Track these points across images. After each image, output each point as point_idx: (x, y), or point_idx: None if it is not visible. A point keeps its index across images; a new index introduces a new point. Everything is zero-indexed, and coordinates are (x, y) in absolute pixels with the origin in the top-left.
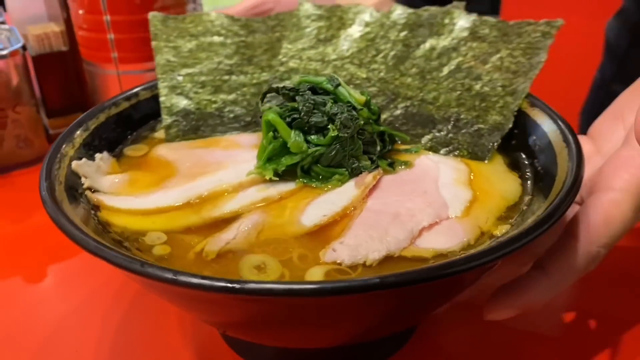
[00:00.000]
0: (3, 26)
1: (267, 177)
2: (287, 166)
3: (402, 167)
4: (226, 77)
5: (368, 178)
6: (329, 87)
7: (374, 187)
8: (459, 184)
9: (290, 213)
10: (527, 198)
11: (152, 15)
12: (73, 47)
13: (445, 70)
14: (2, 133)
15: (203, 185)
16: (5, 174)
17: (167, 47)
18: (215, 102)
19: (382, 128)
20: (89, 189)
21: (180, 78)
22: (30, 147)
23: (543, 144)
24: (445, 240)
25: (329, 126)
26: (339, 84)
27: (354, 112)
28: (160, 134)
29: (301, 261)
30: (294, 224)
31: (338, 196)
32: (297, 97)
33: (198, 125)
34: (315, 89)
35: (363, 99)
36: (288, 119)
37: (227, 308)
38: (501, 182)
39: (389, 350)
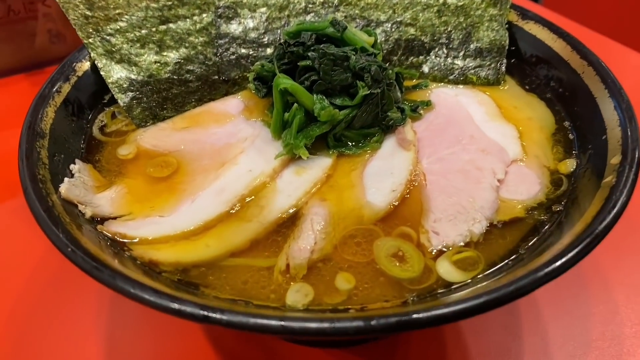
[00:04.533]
0: None
1: (305, 157)
2: (316, 137)
3: (424, 108)
4: (163, 27)
5: (408, 134)
6: (335, 32)
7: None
8: (495, 118)
9: (350, 193)
10: (567, 123)
11: None
12: None
13: None
14: (33, 27)
15: (235, 183)
16: (39, 70)
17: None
18: (166, 63)
19: (397, 69)
20: (94, 219)
21: (111, 39)
22: (63, 42)
23: (546, 56)
24: (526, 189)
25: (354, 83)
26: (345, 27)
27: (382, 64)
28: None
29: (408, 251)
30: (365, 206)
31: (390, 162)
32: (308, 53)
33: (163, 99)
34: (318, 37)
35: (371, 39)
36: (306, 83)
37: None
38: (529, 108)
39: None
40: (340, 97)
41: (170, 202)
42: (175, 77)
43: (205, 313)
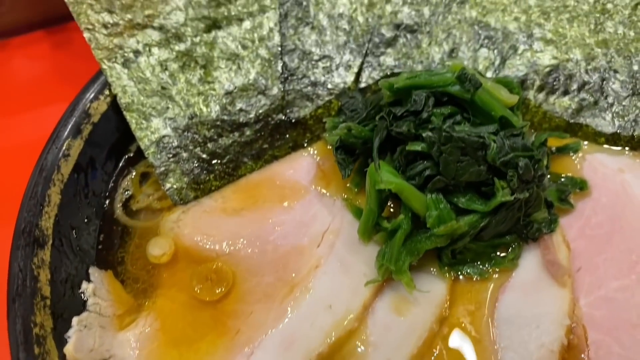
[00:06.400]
0: None
1: (410, 292)
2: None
3: (577, 192)
4: (209, 36)
5: (560, 253)
6: (462, 92)
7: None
8: None
9: (475, 350)
10: None
11: None
12: None
13: None
14: None
15: (308, 331)
16: (62, 25)
17: None
18: (213, 95)
19: (544, 136)
20: None
21: (139, 59)
22: None
23: None
24: None
25: (490, 179)
26: (479, 85)
27: (534, 151)
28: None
29: None
30: None
31: (533, 300)
32: (422, 132)
33: (209, 155)
34: (436, 97)
35: (514, 99)
36: (416, 180)
37: None
38: None
39: None
40: (467, 195)
41: (218, 353)
42: (225, 117)
43: None
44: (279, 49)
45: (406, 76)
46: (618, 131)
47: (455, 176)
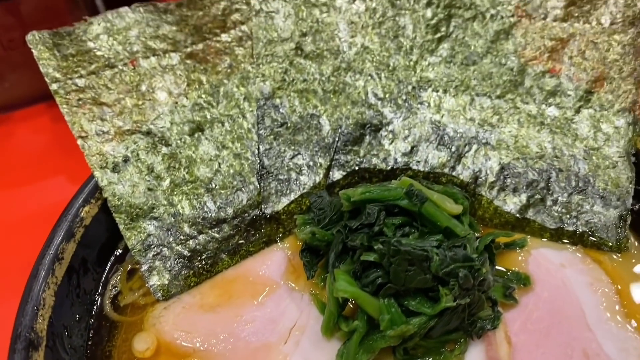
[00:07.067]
0: None
1: None
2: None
3: (521, 287)
4: (192, 139)
5: (501, 349)
6: (411, 205)
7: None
8: (614, 316)
9: None
10: None
11: None
12: None
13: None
14: None
15: None
16: None
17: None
18: (194, 194)
19: (489, 239)
20: None
21: (127, 167)
22: None
23: None
24: None
25: (436, 287)
26: (425, 200)
27: (474, 261)
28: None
29: None
30: None
31: None
32: (374, 244)
33: (190, 252)
34: (388, 209)
35: (459, 209)
36: (370, 287)
37: None
38: None
39: None
40: (416, 298)
41: None
42: (206, 214)
43: None
44: (257, 148)
45: (361, 190)
46: (561, 227)
47: (404, 283)
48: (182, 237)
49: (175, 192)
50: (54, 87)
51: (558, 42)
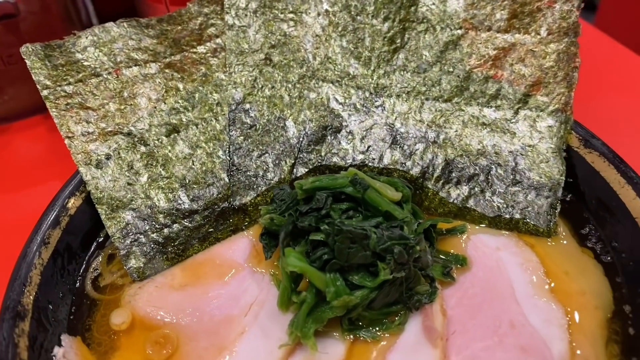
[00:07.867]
0: None
1: (313, 353)
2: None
3: (459, 267)
4: (169, 140)
5: (436, 320)
6: (355, 192)
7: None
8: (540, 292)
9: None
10: (627, 307)
11: None
12: None
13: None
14: None
15: None
16: None
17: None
18: (169, 188)
19: (428, 223)
20: None
21: (109, 163)
22: None
23: (611, 204)
24: None
25: (376, 262)
26: (367, 187)
27: (408, 239)
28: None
29: None
30: None
31: (411, 358)
32: (321, 225)
33: (164, 239)
34: (336, 196)
35: (398, 195)
36: (318, 262)
37: None
38: (583, 277)
39: None
40: (359, 273)
41: None
42: (180, 206)
43: None
44: (228, 148)
45: (312, 180)
46: (498, 215)
47: (347, 259)
48: (157, 226)
49: (152, 187)
50: (44, 93)
51: (501, 51)
